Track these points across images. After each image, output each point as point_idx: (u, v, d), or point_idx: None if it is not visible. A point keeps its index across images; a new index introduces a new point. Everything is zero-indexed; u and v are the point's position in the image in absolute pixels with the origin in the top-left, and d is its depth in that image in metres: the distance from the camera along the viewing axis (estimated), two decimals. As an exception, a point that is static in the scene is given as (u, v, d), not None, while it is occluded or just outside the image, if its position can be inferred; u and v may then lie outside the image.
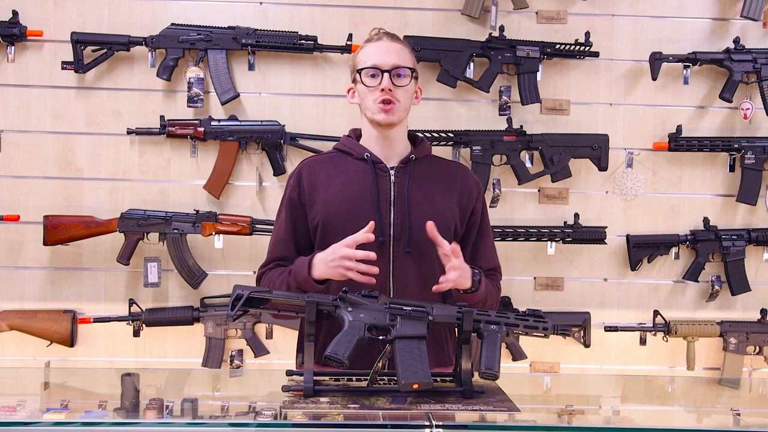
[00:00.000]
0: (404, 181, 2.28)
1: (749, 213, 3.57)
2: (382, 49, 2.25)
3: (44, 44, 3.38)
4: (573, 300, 3.55)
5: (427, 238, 2.17)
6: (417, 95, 2.35)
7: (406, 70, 2.25)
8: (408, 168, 2.30)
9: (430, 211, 2.25)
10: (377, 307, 1.99)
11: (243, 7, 3.44)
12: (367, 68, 2.24)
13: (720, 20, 3.55)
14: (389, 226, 2.25)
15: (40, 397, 2.28)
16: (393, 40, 2.28)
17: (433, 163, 2.37)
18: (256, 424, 1.87)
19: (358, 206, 2.24)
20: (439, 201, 2.29)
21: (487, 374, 1.97)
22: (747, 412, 2.35)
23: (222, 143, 3.38)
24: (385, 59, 2.23)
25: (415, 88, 2.31)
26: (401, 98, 2.25)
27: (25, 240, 3.41)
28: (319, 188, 2.28)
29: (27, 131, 3.40)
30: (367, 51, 2.27)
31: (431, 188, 2.30)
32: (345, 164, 2.31)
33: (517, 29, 3.48)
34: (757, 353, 3.49)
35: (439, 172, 2.35)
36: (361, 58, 2.28)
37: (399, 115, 2.26)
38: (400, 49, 2.26)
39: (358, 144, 2.34)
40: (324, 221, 2.25)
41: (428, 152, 2.38)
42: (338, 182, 2.27)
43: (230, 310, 1.99)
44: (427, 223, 2.14)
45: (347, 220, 2.22)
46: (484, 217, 2.38)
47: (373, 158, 2.29)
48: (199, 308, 3.39)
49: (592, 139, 3.44)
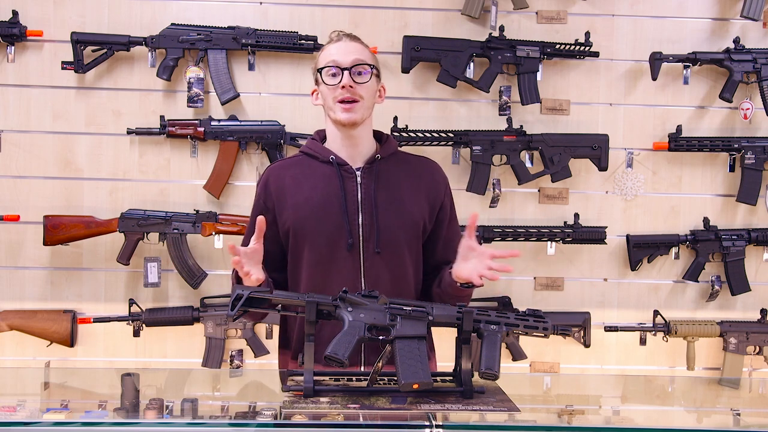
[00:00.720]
0: (370, 182, 2.28)
1: (749, 213, 3.57)
2: (342, 48, 2.26)
3: (44, 44, 3.38)
4: (573, 300, 3.55)
5: (396, 238, 2.24)
6: (381, 94, 2.35)
7: (366, 67, 2.25)
8: (374, 168, 2.30)
9: (398, 211, 2.27)
10: (377, 307, 1.99)
11: (243, 7, 3.44)
12: (328, 66, 2.25)
13: (720, 20, 3.55)
14: (358, 228, 2.26)
15: (40, 397, 2.28)
16: (353, 40, 2.29)
17: (400, 160, 2.36)
18: (256, 424, 1.87)
19: (326, 210, 2.25)
20: (406, 200, 2.30)
21: (487, 374, 1.97)
22: (747, 412, 2.35)
23: (222, 143, 3.39)
24: (344, 57, 2.24)
25: (377, 87, 2.32)
26: (363, 95, 2.25)
27: (25, 240, 3.41)
28: (287, 194, 2.29)
29: (27, 131, 3.40)
30: (327, 51, 2.28)
31: (398, 187, 2.30)
32: (311, 168, 2.31)
33: (517, 29, 3.48)
34: (757, 353, 3.49)
35: (406, 169, 2.35)
36: (322, 59, 2.29)
37: (362, 114, 2.26)
38: (360, 48, 2.28)
39: (322, 147, 2.34)
40: (293, 227, 2.27)
41: (395, 149, 2.38)
42: (306, 187, 2.28)
43: (230, 310, 1.99)
44: (473, 214, 2.15)
45: (316, 224, 2.25)
46: (452, 211, 2.40)
47: (338, 160, 2.29)
48: (199, 308, 3.39)
49: (592, 139, 3.44)
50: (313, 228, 2.25)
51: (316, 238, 2.24)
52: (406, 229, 2.28)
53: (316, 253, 2.25)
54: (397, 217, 2.26)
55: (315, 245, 2.25)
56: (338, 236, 2.24)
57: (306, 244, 2.26)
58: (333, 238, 2.25)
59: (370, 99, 2.28)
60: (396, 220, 2.26)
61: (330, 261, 2.25)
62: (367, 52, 2.29)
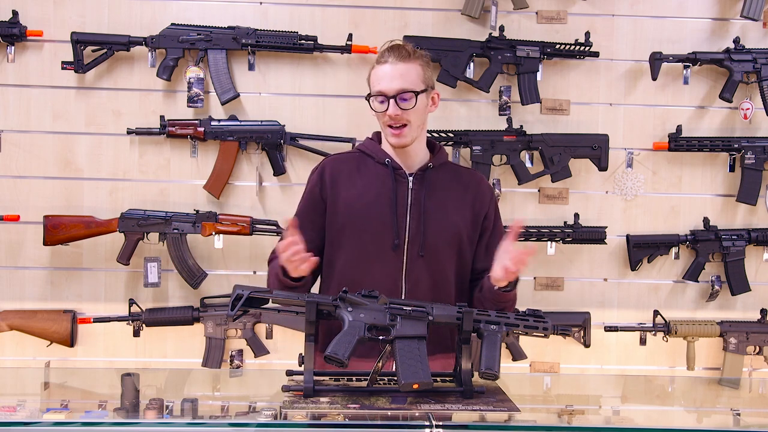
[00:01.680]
0: (421, 188, 2.36)
1: (749, 213, 3.57)
2: (388, 74, 2.28)
3: (44, 44, 3.38)
4: (573, 300, 3.55)
5: (440, 243, 2.32)
6: (434, 101, 2.39)
7: (411, 94, 2.27)
8: (426, 176, 2.37)
9: (443, 219, 2.35)
10: (377, 307, 1.99)
11: (243, 7, 3.44)
12: (374, 95, 2.30)
13: (720, 20, 3.55)
14: (405, 231, 2.32)
15: (40, 397, 2.28)
16: (400, 59, 2.29)
17: (450, 170, 2.45)
18: (256, 424, 1.87)
19: (377, 209, 2.33)
20: (452, 209, 2.37)
21: (487, 374, 1.97)
22: (747, 412, 2.35)
23: (222, 143, 3.38)
24: (390, 85, 2.27)
25: (426, 102, 2.34)
26: (411, 119, 2.30)
27: (25, 240, 3.41)
28: (340, 186, 2.36)
29: (27, 131, 3.40)
30: (375, 75, 2.31)
31: (446, 196, 2.38)
32: (366, 166, 2.39)
33: (517, 29, 3.48)
34: (757, 353, 3.49)
35: (455, 179, 2.42)
36: (372, 82, 2.33)
37: (411, 136, 2.32)
38: (405, 72, 2.28)
39: (380, 148, 2.40)
40: (343, 220, 2.34)
41: (445, 159, 2.46)
42: (359, 184, 2.36)
43: (230, 310, 1.99)
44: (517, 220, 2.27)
45: (365, 221, 2.32)
46: (497, 220, 2.47)
47: (393, 164, 2.37)
48: (199, 308, 3.39)
49: (592, 139, 3.44)
50: (362, 224, 2.32)
51: (363, 234, 2.32)
52: (449, 237, 2.35)
53: (361, 249, 2.32)
54: (442, 224, 2.34)
55: (361, 241, 2.32)
56: (385, 235, 2.32)
57: (353, 238, 2.33)
58: (379, 236, 2.32)
59: (420, 118, 2.33)
60: (441, 227, 2.34)
61: (374, 258, 2.32)
62: (413, 73, 2.29)
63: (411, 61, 2.30)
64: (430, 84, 2.35)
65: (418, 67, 2.31)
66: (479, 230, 2.41)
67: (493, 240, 2.40)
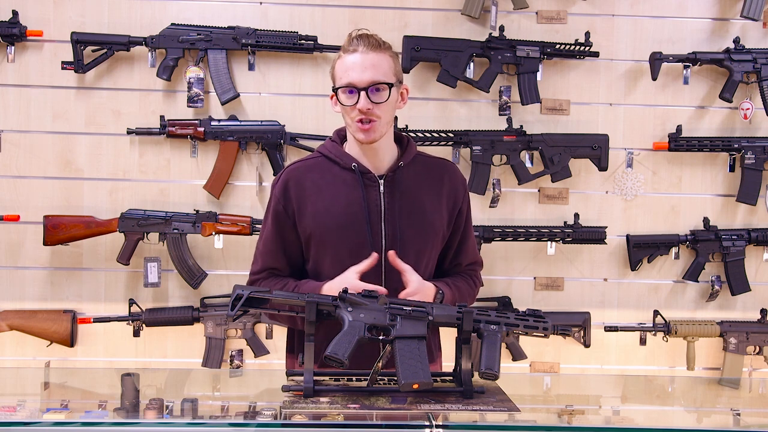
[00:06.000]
0: (394, 191, 2.24)
1: (749, 213, 3.57)
2: (358, 64, 2.12)
3: (44, 44, 3.38)
4: (573, 300, 3.55)
5: (417, 249, 2.23)
6: (403, 97, 2.25)
7: (384, 85, 2.14)
8: (396, 177, 2.25)
9: (420, 222, 2.25)
10: (377, 307, 1.99)
11: (243, 7, 3.44)
12: (343, 87, 2.14)
13: (720, 20, 3.55)
14: (381, 239, 2.23)
15: (40, 397, 2.28)
16: (371, 48, 2.14)
17: (421, 164, 2.30)
18: (256, 424, 1.87)
19: (349, 220, 2.21)
20: (428, 208, 2.27)
21: (487, 374, 1.97)
22: (747, 412, 2.35)
23: (222, 143, 3.38)
24: (360, 76, 2.12)
25: (396, 97, 2.20)
26: (382, 114, 2.15)
27: (25, 240, 3.41)
28: (307, 200, 2.23)
29: (27, 131, 3.40)
30: (343, 64, 2.15)
31: (420, 195, 2.26)
32: (332, 173, 2.24)
33: (517, 29, 3.48)
34: (757, 353, 3.49)
35: (428, 174, 2.30)
36: (338, 73, 2.17)
37: (380, 131, 2.17)
38: (377, 62, 2.14)
39: (343, 152, 2.26)
40: (314, 235, 2.23)
41: (414, 153, 2.31)
42: (327, 194, 2.22)
43: (230, 310, 1.99)
44: (389, 252, 2.17)
45: (338, 235, 2.21)
46: (468, 215, 2.37)
47: (361, 168, 2.23)
48: (199, 308, 3.39)
49: (592, 139, 3.44)
50: (336, 238, 2.20)
51: (338, 249, 2.20)
52: (428, 238, 2.26)
53: (339, 263, 2.19)
54: (419, 227, 2.24)
55: (337, 255, 2.21)
56: (361, 247, 2.20)
57: (327, 253, 2.22)
58: (356, 248, 2.20)
59: (390, 114, 2.19)
60: (418, 231, 2.24)
61: None
62: (385, 63, 2.15)
63: (382, 51, 2.16)
64: (399, 77, 2.20)
65: (389, 58, 2.17)
66: (452, 227, 2.32)
67: (465, 236, 2.34)
